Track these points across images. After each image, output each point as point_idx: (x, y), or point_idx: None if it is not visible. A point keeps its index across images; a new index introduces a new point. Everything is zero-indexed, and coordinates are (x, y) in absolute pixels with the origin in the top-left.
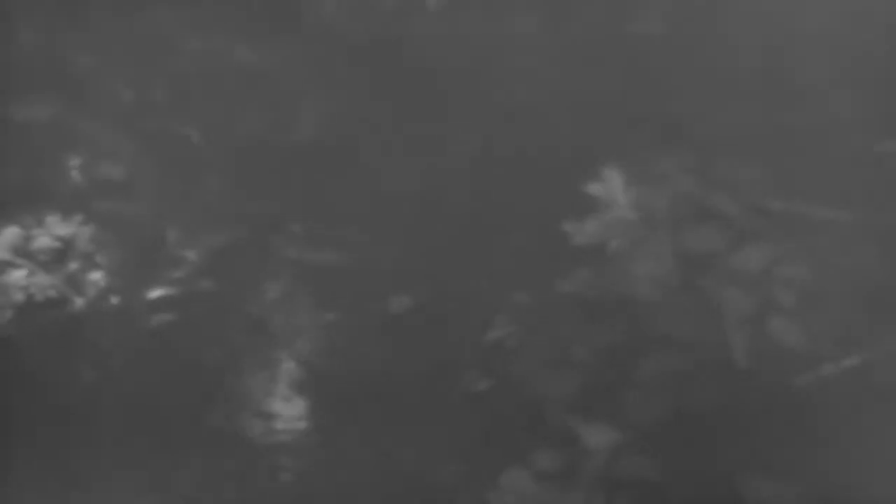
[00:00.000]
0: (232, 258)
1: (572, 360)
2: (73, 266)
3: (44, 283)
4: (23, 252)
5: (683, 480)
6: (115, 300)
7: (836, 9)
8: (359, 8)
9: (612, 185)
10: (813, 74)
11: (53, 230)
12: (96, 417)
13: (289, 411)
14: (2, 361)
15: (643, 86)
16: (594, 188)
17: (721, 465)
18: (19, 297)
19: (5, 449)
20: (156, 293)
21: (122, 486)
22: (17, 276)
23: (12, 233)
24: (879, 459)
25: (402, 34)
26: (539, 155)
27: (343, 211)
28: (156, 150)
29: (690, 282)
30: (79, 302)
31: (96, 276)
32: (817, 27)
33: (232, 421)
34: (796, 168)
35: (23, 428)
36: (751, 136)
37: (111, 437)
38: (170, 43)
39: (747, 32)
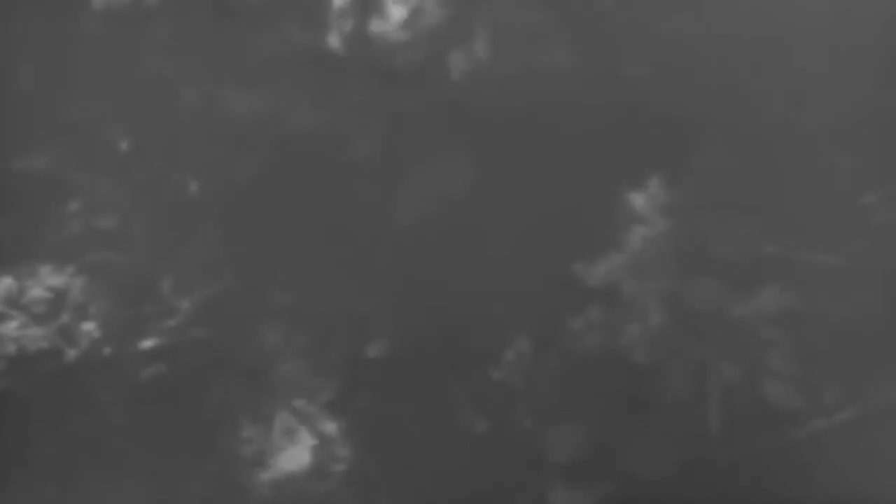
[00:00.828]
0: (225, 306)
1: (576, 409)
2: (66, 317)
3: (36, 335)
4: (16, 303)
5: None
6: (107, 351)
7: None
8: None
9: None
10: (799, 126)
11: (46, 281)
12: (91, 469)
13: (285, 461)
14: None
15: (637, 127)
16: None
17: None
18: (11, 349)
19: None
20: (148, 343)
21: None
22: (10, 327)
23: (5, 284)
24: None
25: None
26: (543, 191)
27: (339, 254)
28: (151, 199)
29: (683, 345)
30: (71, 353)
31: (89, 327)
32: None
33: (228, 471)
34: (787, 214)
35: (18, 481)
36: (741, 183)
37: (107, 489)
38: (166, 92)
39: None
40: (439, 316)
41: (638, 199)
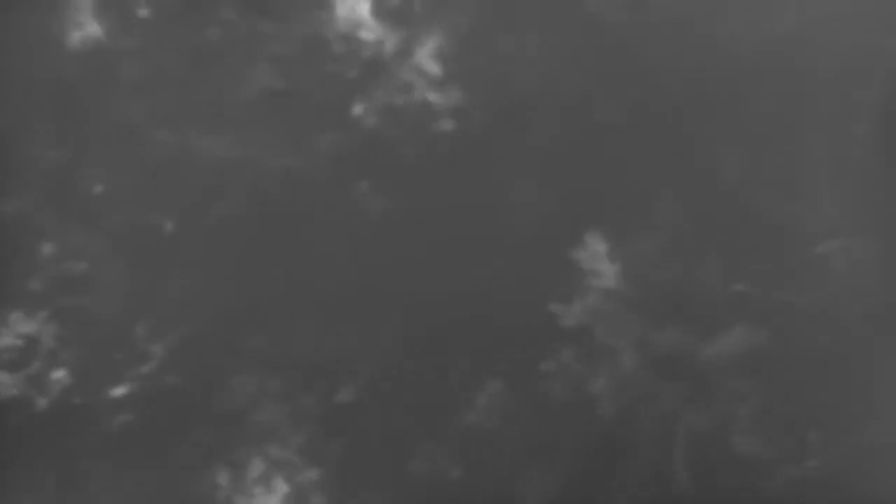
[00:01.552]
0: (199, 352)
1: (549, 452)
2: (37, 365)
3: (6, 383)
4: None
5: None
6: (78, 399)
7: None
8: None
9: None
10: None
11: (17, 328)
12: None
13: None
14: None
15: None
16: (579, 254)
17: None
18: None
19: None
20: (121, 390)
21: None
22: None
23: None
24: None
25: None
26: (518, 226)
27: (313, 298)
28: (124, 243)
29: (653, 391)
30: (41, 402)
31: (60, 374)
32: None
33: None
34: (751, 259)
35: None
36: (706, 228)
37: None
38: (140, 135)
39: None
40: (413, 360)
41: (601, 245)
